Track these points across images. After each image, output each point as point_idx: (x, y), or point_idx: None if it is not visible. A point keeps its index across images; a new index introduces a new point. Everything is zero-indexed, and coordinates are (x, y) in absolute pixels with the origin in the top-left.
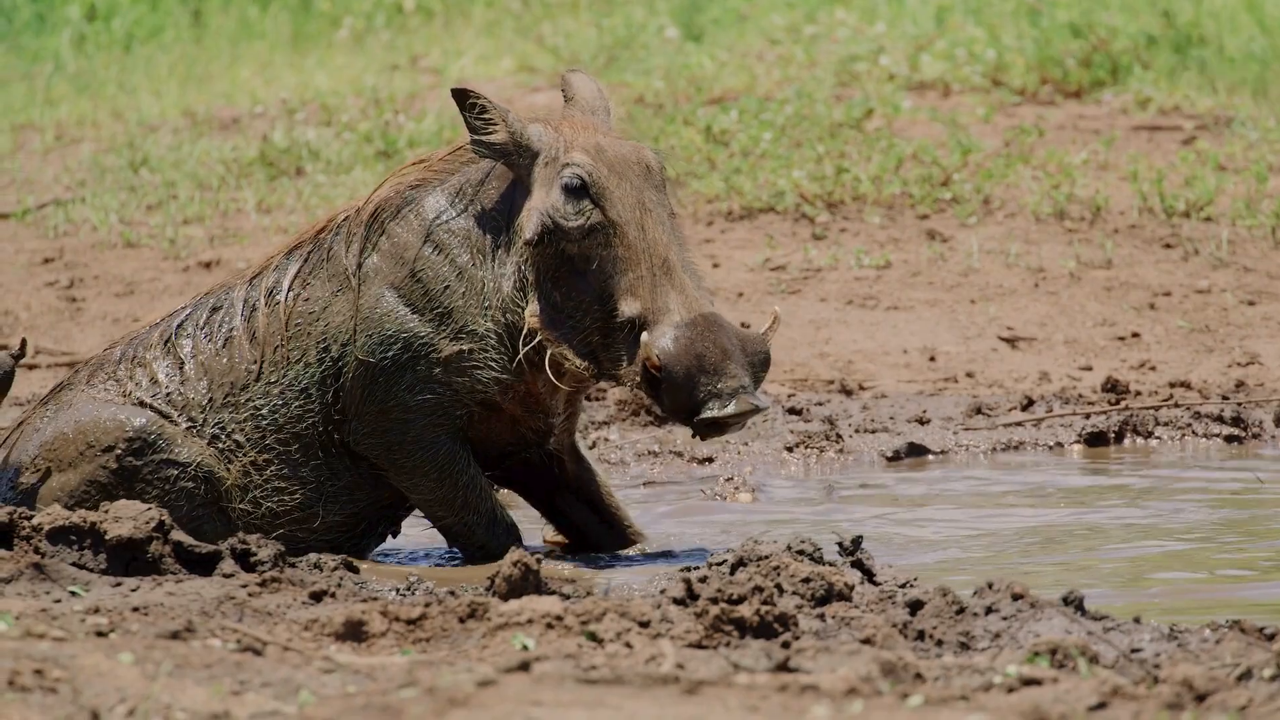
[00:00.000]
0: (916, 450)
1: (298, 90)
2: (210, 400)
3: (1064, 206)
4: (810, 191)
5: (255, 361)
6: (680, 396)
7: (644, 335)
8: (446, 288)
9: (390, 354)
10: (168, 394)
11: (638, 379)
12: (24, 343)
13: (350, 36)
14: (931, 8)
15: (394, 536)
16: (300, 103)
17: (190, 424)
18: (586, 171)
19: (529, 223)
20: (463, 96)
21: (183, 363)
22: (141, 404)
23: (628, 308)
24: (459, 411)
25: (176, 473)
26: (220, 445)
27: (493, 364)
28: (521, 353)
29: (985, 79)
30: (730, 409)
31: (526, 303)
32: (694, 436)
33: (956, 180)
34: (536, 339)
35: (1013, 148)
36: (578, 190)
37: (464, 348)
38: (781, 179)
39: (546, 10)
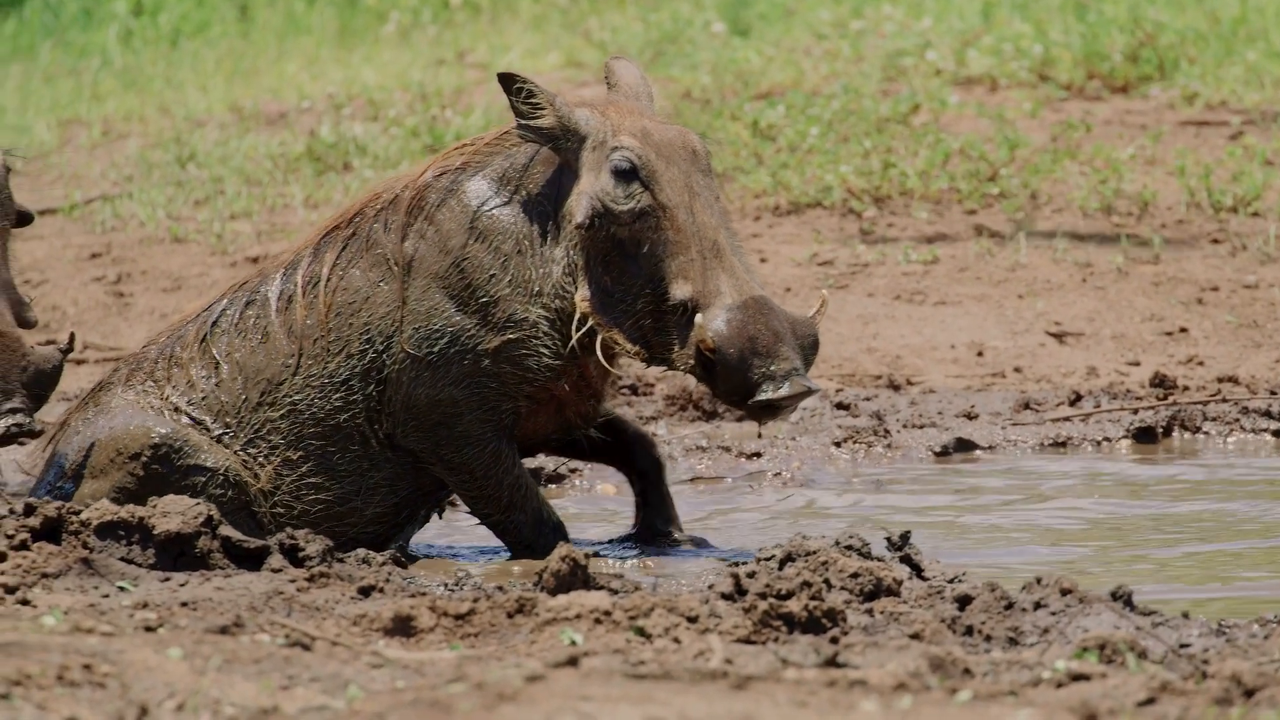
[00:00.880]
0: (964, 445)
1: (344, 85)
2: (245, 399)
3: (1111, 202)
4: (857, 186)
5: (293, 355)
6: (734, 379)
7: (698, 318)
8: (491, 277)
9: (437, 348)
10: (203, 396)
11: (691, 362)
12: (72, 337)
13: (397, 31)
14: (978, 3)
15: (439, 517)
16: (347, 98)
17: (225, 428)
18: (636, 155)
19: (579, 207)
20: (510, 81)
21: (218, 362)
22: (176, 409)
23: (679, 291)
24: (506, 406)
25: (204, 479)
26: (257, 446)
27: (544, 351)
28: (574, 338)
29: (1032, 74)
30: (784, 391)
31: (576, 288)
32: (746, 419)
33: (1004, 176)
34: (588, 324)
35: (1060, 143)
36: (627, 173)
37: (511, 337)
38: (828, 174)
39: (593, 5)
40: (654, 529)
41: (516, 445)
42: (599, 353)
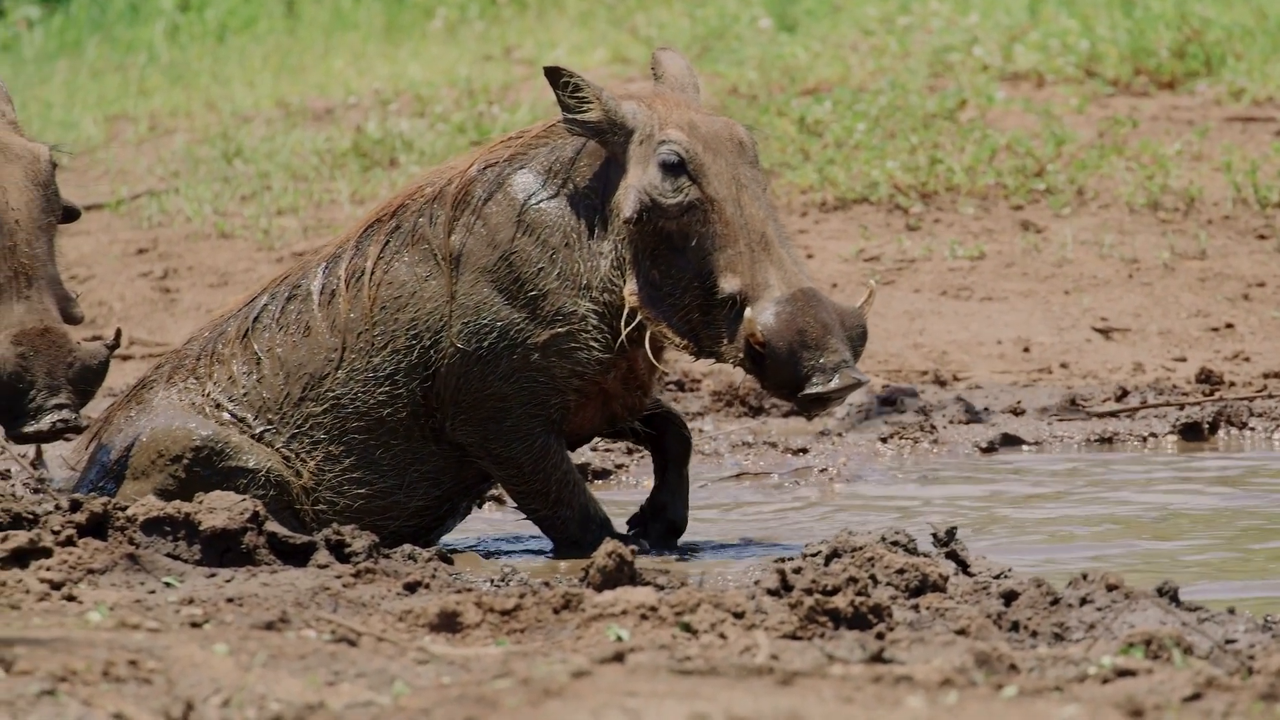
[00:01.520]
0: (1011, 441)
1: (391, 81)
2: (288, 395)
3: (1158, 197)
4: (904, 182)
5: (336, 349)
6: (784, 372)
7: (747, 311)
8: (540, 270)
9: (486, 343)
10: (245, 392)
11: (740, 355)
12: (118, 333)
13: (444, 27)
14: None
15: (479, 508)
16: (394, 93)
17: (267, 425)
18: (684, 148)
19: (627, 201)
20: (556, 75)
21: (259, 358)
22: (218, 406)
23: (728, 284)
24: (555, 400)
25: (245, 480)
26: (300, 442)
27: (594, 344)
28: (624, 333)
29: (1079, 70)
30: (834, 384)
31: (624, 282)
32: (795, 412)
33: (1050, 171)
34: (637, 318)
35: (1106, 139)
36: (675, 167)
37: (559, 330)
38: (875, 170)
39: (640, 1)
40: (662, 507)
41: (564, 440)
42: (647, 346)
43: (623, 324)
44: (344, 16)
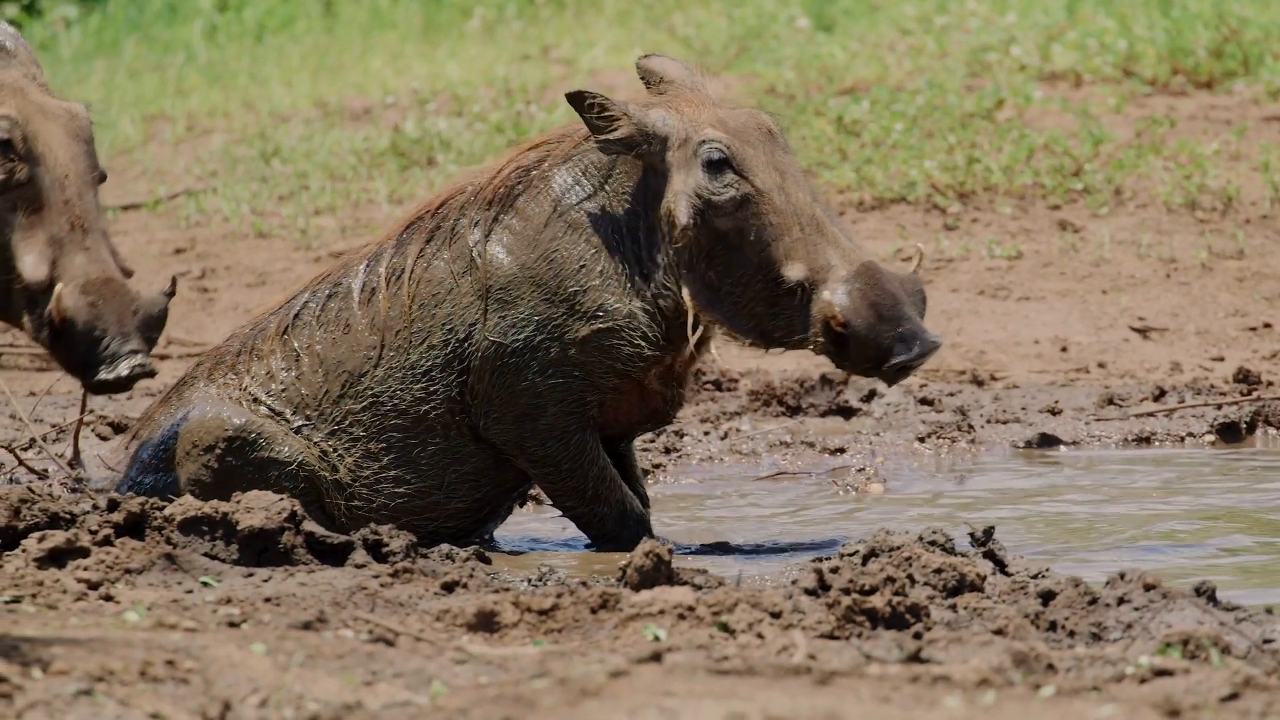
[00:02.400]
0: (1048, 441)
1: (429, 81)
2: (326, 393)
3: (1195, 197)
4: (942, 182)
5: (375, 347)
6: (868, 348)
7: (824, 293)
8: (582, 267)
9: (522, 336)
10: (283, 389)
11: (821, 340)
12: (173, 280)
13: (481, 27)
14: None
15: (520, 505)
16: (431, 93)
17: (305, 421)
18: (725, 144)
19: (679, 207)
20: (580, 99)
21: (298, 355)
22: (255, 400)
23: (792, 272)
24: (590, 398)
25: (277, 472)
26: (338, 439)
27: (640, 343)
28: (692, 339)
29: (1116, 69)
30: (916, 350)
31: (680, 287)
32: (831, 412)
33: (1088, 171)
34: (700, 323)
35: (1144, 138)
36: (720, 164)
37: (601, 326)
38: (913, 169)
39: (678, 1)
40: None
41: (599, 438)
42: (713, 349)
43: (689, 330)
44: (382, 16)
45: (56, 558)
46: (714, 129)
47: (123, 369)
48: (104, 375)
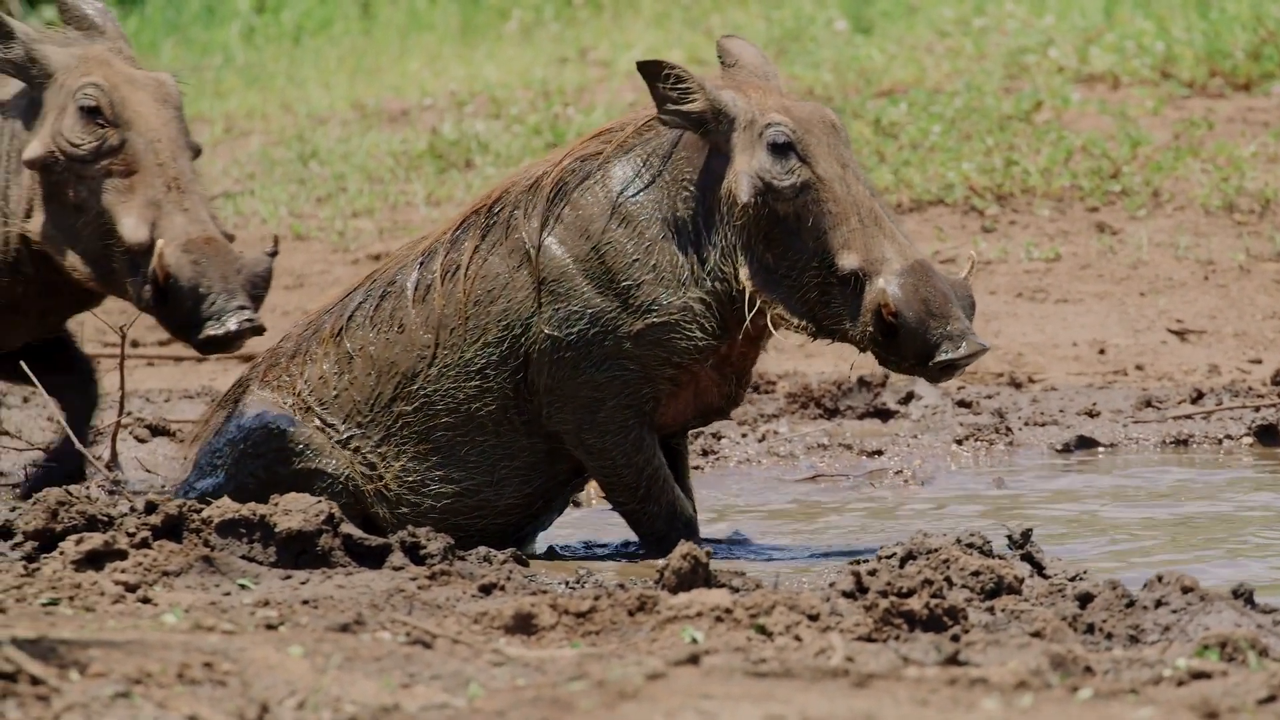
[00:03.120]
0: (1086, 443)
1: (466, 83)
2: (379, 396)
3: (1233, 199)
4: (979, 184)
5: (429, 346)
6: (915, 342)
7: (879, 282)
8: (635, 261)
9: (576, 330)
10: (335, 396)
11: (869, 330)
12: (276, 240)
13: (519, 29)
14: (1100, 0)
15: (575, 506)
16: (469, 95)
17: (357, 429)
18: (790, 129)
19: (740, 187)
20: (656, 67)
21: (351, 357)
22: (307, 408)
23: (847, 261)
24: (646, 390)
25: (322, 484)
26: (386, 447)
27: (697, 335)
28: (748, 319)
29: (1154, 71)
30: (962, 350)
31: (737, 269)
32: (868, 414)
33: (1126, 173)
34: (757, 304)
35: (1182, 140)
36: (784, 148)
37: (654, 321)
38: (951, 171)
39: (715, 2)
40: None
41: (656, 435)
42: (771, 328)
43: (746, 309)
44: (419, 18)
45: (94, 560)
46: (780, 114)
47: (230, 324)
48: (211, 331)
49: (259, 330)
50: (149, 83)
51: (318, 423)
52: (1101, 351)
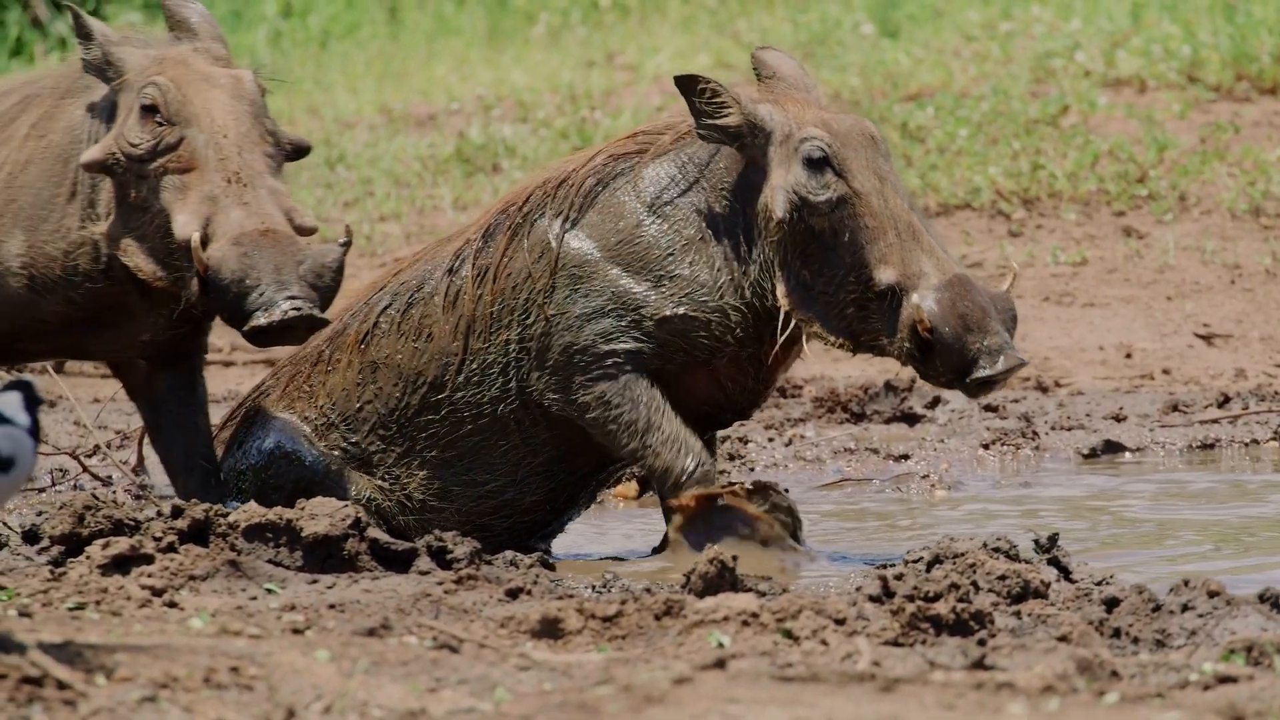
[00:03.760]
0: (1113, 447)
1: (494, 87)
2: (405, 406)
3: (1260, 203)
4: (1006, 188)
5: (457, 354)
6: (952, 357)
7: (913, 297)
8: (670, 255)
9: (593, 304)
10: (359, 409)
11: (906, 345)
12: (348, 230)
13: (546, 33)
14: (1127, 4)
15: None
16: (496, 99)
17: (380, 441)
18: (826, 143)
19: (777, 202)
20: (692, 82)
21: (376, 367)
22: (330, 426)
23: (884, 276)
24: (654, 362)
25: None
26: (410, 460)
27: (727, 338)
28: (781, 338)
29: (1181, 75)
30: (1000, 365)
31: (773, 284)
32: (895, 419)
33: (1152, 177)
34: (792, 321)
35: (1208, 144)
36: (820, 162)
37: (687, 313)
38: (977, 176)
39: (742, 6)
40: None
41: (658, 384)
42: (804, 346)
43: (779, 328)
44: (446, 23)
45: (121, 564)
46: (817, 128)
47: (277, 314)
48: (257, 322)
49: (313, 320)
50: (226, 80)
51: (340, 441)
52: (1128, 356)
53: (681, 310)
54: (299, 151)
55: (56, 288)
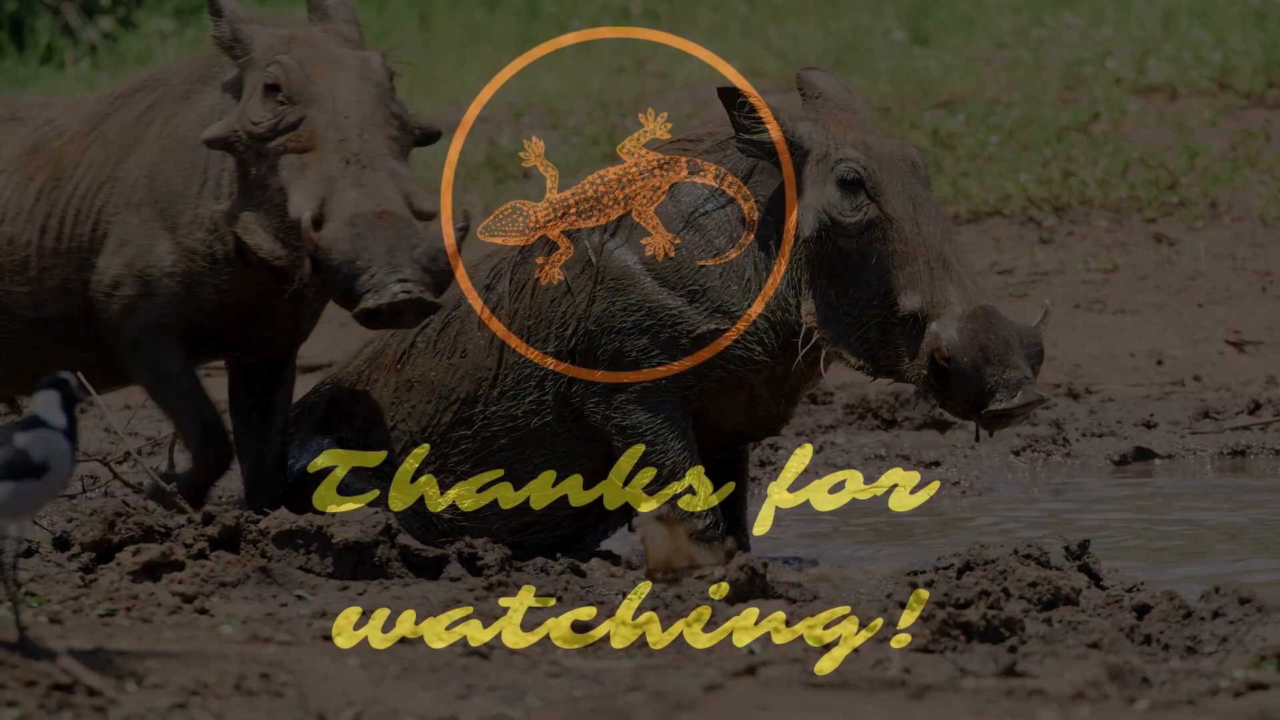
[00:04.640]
0: (1144, 454)
1: (524, 94)
2: (437, 423)
3: None
4: (1037, 195)
5: (492, 369)
6: (968, 388)
7: (931, 326)
8: (703, 268)
9: (631, 319)
10: (392, 427)
11: (924, 372)
12: (466, 214)
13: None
14: (1158, 11)
15: (630, 530)
16: (527, 106)
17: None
18: (861, 166)
19: (806, 220)
20: (733, 95)
21: (411, 385)
22: (365, 446)
23: (908, 302)
24: (693, 384)
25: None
26: (443, 477)
27: (756, 348)
28: (801, 354)
29: (1212, 82)
30: (1017, 400)
31: (799, 301)
32: (928, 426)
33: (1183, 184)
34: (814, 338)
35: (1240, 151)
36: (854, 185)
37: (719, 327)
38: (1008, 182)
39: (773, 14)
40: None
41: (692, 418)
42: (823, 367)
43: (800, 344)
44: (477, 30)
45: (151, 571)
46: (855, 150)
47: (386, 296)
48: (368, 303)
49: (424, 304)
50: (353, 61)
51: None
52: (1159, 362)
53: (715, 324)
54: (429, 136)
55: (204, 277)
